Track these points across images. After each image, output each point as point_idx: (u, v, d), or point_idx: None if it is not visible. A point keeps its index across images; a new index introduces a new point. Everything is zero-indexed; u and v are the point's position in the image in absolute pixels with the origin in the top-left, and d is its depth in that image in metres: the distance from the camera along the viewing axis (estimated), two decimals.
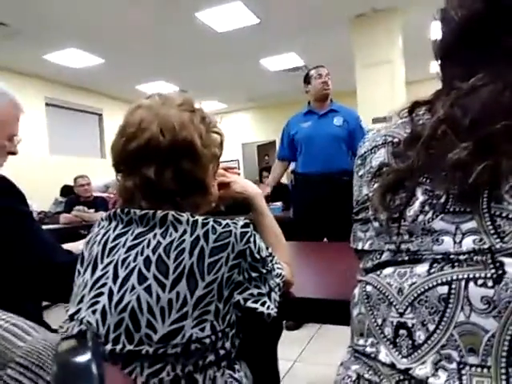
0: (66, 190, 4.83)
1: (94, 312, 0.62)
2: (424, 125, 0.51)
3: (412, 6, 4.38)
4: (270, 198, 3.12)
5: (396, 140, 0.54)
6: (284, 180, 4.53)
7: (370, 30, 4.70)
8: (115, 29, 4.60)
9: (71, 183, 4.31)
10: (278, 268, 0.74)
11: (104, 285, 0.64)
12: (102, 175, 4.99)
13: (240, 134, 9.16)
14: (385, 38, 4.67)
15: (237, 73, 6.47)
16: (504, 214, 0.40)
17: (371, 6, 4.54)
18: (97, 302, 0.63)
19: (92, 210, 3.98)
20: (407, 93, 4.83)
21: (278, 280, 0.73)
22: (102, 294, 0.63)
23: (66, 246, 1.19)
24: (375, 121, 4.67)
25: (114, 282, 0.63)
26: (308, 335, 2.33)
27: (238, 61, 5.90)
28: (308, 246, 1.73)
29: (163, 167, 0.68)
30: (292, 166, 3.14)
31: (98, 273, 0.66)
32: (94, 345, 0.50)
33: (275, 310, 0.69)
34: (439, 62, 0.59)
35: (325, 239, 2.70)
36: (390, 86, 4.65)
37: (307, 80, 2.81)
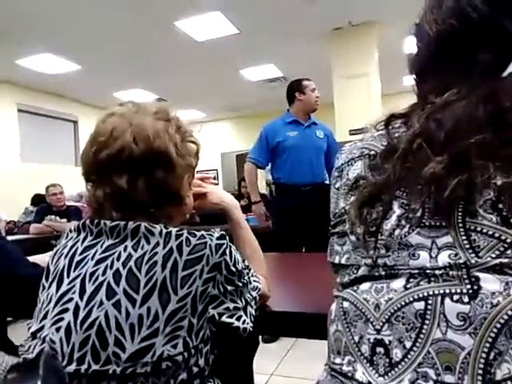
0: (38, 199, 4.67)
1: (57, 329, 0.59)
2: (400, 138, 0.51)
3: (387, 22, 4.52)
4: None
5: (372, 153, 0.54)
6: (261, 189, 4.52)
7: (347, 44, 4.82)
8: (93, 35, 4.53)
9: (43, 192, 4.17)
10: (254, 281, 0.72)
11: (70, 300, 0.60)
12: (76, 184, 4.84)
13: (219, 144, 9.15)
14: (361, 52, 4.79)
15: (216, 82, 6.48)
16: (478, 229, 0.40)
17: (348, 21, 4.67)
18: (61, 319, 0.59)
19: (64, 220, 3.86)
20: (383, 105, 4.95)
21: (254, 293, 0.71)
22: (67, 310, 0.60)
23: (32, 258, 1.13)
24: (352, 132, 4.77)
25: (81, 297, 0.60)
26: (285, 347, 2.31)
27: (217, 70, 5.91)
28: (286, 257, 1.72)
29: (136, 177, 0.65)
30: (268, 176, 3.10)
31: (64, 287, 0.62)
32: (47, 372, 0.46)
33: (251, 324, 0.67)
34: (414, 76, 0.59)
35: (303, 249, 2.70)
36: (366, 98, 4.76)
37: (300, 89, 2.77)
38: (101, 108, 7.26)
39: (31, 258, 1.16)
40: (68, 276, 0.63)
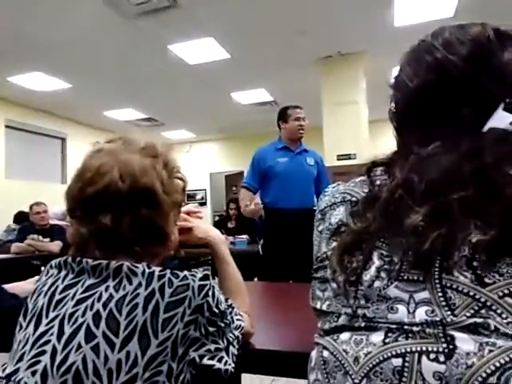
0: (21, 217, 4.58)
1: (33, 373, 0.57)
2: (381, 186, 0.52)
3: (375, 52, 4.68)
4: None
5: (354, 199, 0.55)
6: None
7: (337, 72, 4.96)
8: (85, 55, 4.57)
9: (28, 209, 4.10)
10: (237, 320, 0.72)
11: (47, 342, 0.59)
12: (62, 202, 4.78)
13: (208, 164, 9.18)
14: (350, 80, 4.94)
15: (207, 104, 6.56)
16: (454, 286, 0.41)
17: (338, 50, 4.81)
18: (38, 362, 0.58)
19: (47, 239, 3.78)
20: (370, 131, 5.07)
21: (236, 333, 0.70)
22: (44, 352, 0.58)
23: (10, 287, 1.10)
24: (340, 157, 4.85)
25: (59, 339, 0.58)
26: (269, 378, 2.26)
27: (208, 92, 5.99)
28: (272, 287, 1.71)
29: (121, 214, 0.65)
30: (258, 199, 3.11)
31: (42, 328, 0.61)
32: None
33: (233, 365, 0.66)
34: (395, 126, 0.61)
35: (290, 277, 2.67)
36: (354, 124, 4.87)
37: (284, 118, 2.83)
38: (90, 126, 7.26)
39: (10, 286, 1.12)
40: (47, 316, 0.62)
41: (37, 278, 0.75)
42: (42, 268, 0.73)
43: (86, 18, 3.75)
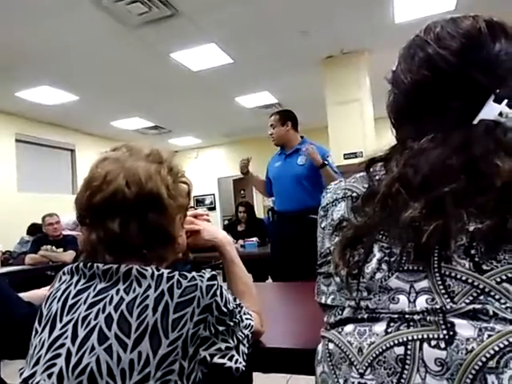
0: (34, 229, 4.66)
1: (49, 376, 0.59)
2: (380, 181, 0.53)
3: (378, 49, 4.67)
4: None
5: (354, 194, 0.56)
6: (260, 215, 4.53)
7: (340, 71, 4.95)
8: (91, 67, 4.64)
9: (40, 221, 4.17)
10: (246, 319, 0.73)
11: (62, 345, 0.61)
12: (73, 212, 4.84)
13: (215, 169, 9.21)
14: (353, 78, 4.93)
15: (211, 109, 6.60)
16: (453, 274, 0.41)
17: (340, 49, 4.82)
18: (53, 365, 0.60)
19: (60, 250, 3.84)
20: (375, 129, 5.05)
21: (246, 331, 0.71)
22: (59, 355, 0.60)
23: (25, 295, 1.12)
24: (346, 156, 4.84)
25: (73, 342, 0.60)
26: (284, 377, 2.26)
27: (212, 98, 6.03)
28: (282, 287, 1.72)
29: (128, 220, 0.67)
30: (270, 202, 3.29)
31: (56, 332, 0.63)
32: None
33: (243, 363, 0.67)
34: (392, 121, 0.62)
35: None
36: (359, 122, 4.86)
37: None
38: (98, 136, 7.36)
39: (25, 295, 1.15)
40: (61, 320, 0.64)
41: None
42: None
43: (88, 29, 3.81)
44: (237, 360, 0.66)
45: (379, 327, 0.44)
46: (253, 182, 3.20)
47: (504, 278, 0.40)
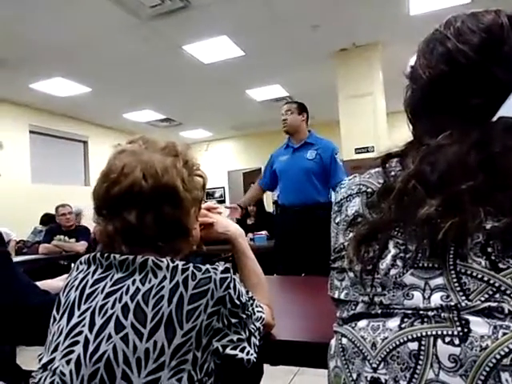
0: (47, 219, 4.74)
1: (68, 362, 0.61)
2: (396, 177, 0.53)
3: (391, 42, 4.60)
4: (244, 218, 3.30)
5: (370, 190, 0.56)
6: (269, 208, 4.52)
7: (352, 64, 4.90)
8: (104, 60, 4.67)
9: (53, 212, 4.24)
10: (258, 311, 0.74)
11: (80, 333, 0.62)
12: (85, 203, 4.91)
13: (226, 162, 9.23)
14: (366, 72, 4.86)
15: (222, 102, 6.59)
16: (469, 272, 0.41)
17: (352, 42, 4.76)
18: (71, 352, 0.61)
19: (73, 240, 3.90)
20: (388, 123, 4.99)
21: (258, 324, 0.72)
22: (77, 342, 0.62)
23: (41, 284, 1.15)
24: (358, 151, 4.80)
25: (91, 330, 0.62)
26: (291, 369, 2.28)
27: (223, 91, 6.02)
28: (289, 281, 1.72)
29: (144, 212, 0.68)
30: (275, 196, 3.26)
31: (75, 320, 0.64)
32: None
33: (255, 355, 0.68)
34: (409, 117, 0.62)
35: (302, 274, 2.69)
36: (371, 116, 4.81)
37: None
38: (111, 128, 7.42)
39: (41, 284, 1.18)
40: (79, 309, 0.65)
41: (65, 276, 0.79)
42: (72, 265, 0.77)
43: (101, 21, 3.83)
44: (248, 352, 0.67)
45: (393, 323, 0.44)
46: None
47: None
